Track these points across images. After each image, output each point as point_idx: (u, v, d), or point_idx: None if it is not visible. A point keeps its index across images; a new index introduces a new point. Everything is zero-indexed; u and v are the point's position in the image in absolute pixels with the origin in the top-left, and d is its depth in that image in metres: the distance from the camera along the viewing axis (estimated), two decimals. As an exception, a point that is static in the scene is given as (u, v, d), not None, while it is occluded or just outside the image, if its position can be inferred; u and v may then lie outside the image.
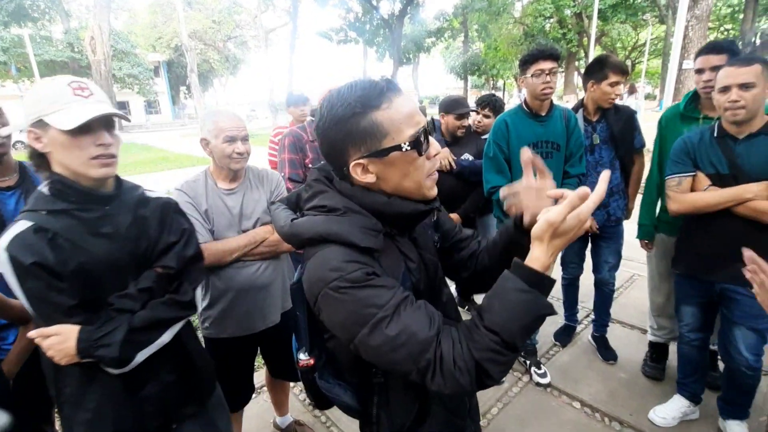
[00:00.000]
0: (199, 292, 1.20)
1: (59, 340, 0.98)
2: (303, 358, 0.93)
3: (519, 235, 0.87)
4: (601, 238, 2.47)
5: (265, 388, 2.26)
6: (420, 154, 0.76)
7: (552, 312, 0.69)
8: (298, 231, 0.80)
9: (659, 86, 23.24)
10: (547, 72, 2.06)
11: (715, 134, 1.71)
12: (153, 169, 11.07)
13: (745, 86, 1.55)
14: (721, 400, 1.95)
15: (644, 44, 25.73)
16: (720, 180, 1.68)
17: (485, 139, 2.66)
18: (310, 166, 2.08)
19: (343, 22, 23.45)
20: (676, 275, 1.99)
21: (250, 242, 1.57)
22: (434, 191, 0.82)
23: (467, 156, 2.72)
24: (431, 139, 0.79)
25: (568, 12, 22.81)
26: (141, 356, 1.06)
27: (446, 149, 2.66)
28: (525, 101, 2.22)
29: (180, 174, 9.47)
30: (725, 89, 1.59)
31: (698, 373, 2.02)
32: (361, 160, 0.75)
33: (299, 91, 3.57)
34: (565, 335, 2.77)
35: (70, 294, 1.00)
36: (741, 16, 18.68)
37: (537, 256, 0.69)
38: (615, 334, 2.80)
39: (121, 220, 1.09)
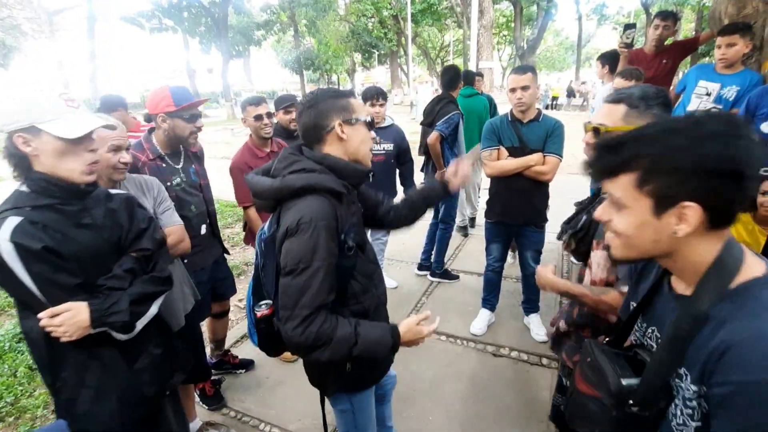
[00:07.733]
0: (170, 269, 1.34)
1: (71, 315, 1.08)
2: (260, 310, 1.18)
3: (443, 193, 1.56)
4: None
5: (161, 404, 2.18)
6: (370, 129, 1.24)
7: (388, 355, 1.25)
8: (291, 183, 1.10)
9: (464, 80, 27.70)
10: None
11: (509, 119, 2.45)
12: None
13: (524, 88, 2.30)
14: (523, 303, 2.92)
15: (449, 45, 30.19)
16: (514, 151, 2.43)
17: (387, 126, 3.00)
18: None
19: (153, 7, 20.57)
20: (487, 222, 2.75)
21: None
22: (370, 164, 1.28)
23: (386, 146, 2.99)
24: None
25: (386, 13, 25.05)
26: (140, 325, 1.23)
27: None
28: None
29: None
30: (513, 90, 2.33)
31: (495, 291, 2.92)
32: (342, 122, 1.17)
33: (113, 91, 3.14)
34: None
35: (72, 274, 1.13)
36: (513, 24, 23.75)
37: (401, 333, 1.21)
38: (462, 281, 3.62)
39: (96, 212, 1.22)
